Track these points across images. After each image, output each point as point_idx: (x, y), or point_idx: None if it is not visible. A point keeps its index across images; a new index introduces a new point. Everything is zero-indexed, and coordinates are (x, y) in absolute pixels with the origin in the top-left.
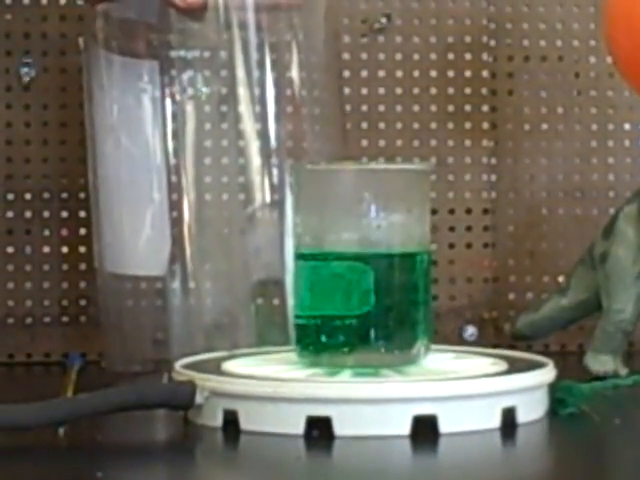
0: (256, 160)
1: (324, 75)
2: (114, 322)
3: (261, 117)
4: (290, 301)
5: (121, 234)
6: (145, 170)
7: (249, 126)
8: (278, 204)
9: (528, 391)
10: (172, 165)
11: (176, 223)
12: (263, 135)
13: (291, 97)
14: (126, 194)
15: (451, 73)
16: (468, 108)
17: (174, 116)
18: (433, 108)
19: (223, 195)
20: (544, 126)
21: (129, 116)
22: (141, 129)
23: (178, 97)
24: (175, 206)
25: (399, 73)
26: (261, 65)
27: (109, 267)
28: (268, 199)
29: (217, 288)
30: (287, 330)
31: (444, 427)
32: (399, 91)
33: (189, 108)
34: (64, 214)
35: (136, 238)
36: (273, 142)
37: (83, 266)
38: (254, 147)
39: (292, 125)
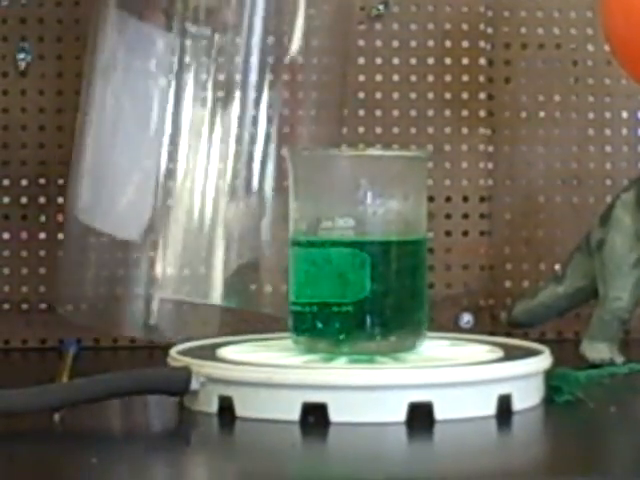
0: (253, 145)
1: (329, 59)
2: (73, 268)
3: (257, 103)
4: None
5: (103, 189)
6: (140, 135)
7: (248, 111)
8: (267, 190)
9: (524, 378)
10: (169, 138)
11: (162, 194)
12: (261, 120)
13: (293, 82)
14: (116, 152)
15: (448, 60)
16: (465, 95)
17: (178, 90)
18: (430, 95)
19: (210, 176)
20: (541, 114)
21: (132, 79)
22: (143, 95)
23: (184, 74)
24: (166, 177)
25: (396, 60)
26: (263, 49)
27: (84, 218)
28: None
29: (181, 260)
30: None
31: (439, 414)
32: (396, 78)
33: (193, 85)
34: (60, 200)
35: (118, 198)
36: (271, 127)
37: None
38: (255, 131)
39: (293, 110)
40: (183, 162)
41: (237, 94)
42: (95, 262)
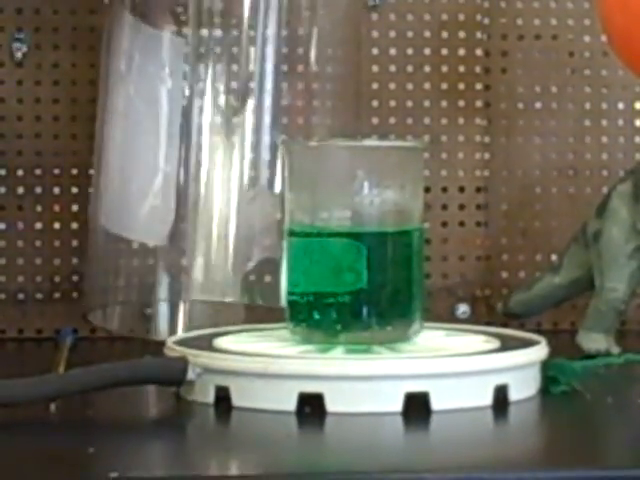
0: (266, 139)
1: (343, 50)
2: (99, 275)
3: (275, 95)
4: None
5: (126, 196)
6: (157, 139)
7: (261, 105)
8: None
9: (520, 369)
10: (185, 141)
11: (181, 197)
12: (276, 113)
13: (306, 73)
14: (136, 159)
15: (445, 51)
16: (462, 86)
17: (191, 94)
18: (427, 86)
19: (230, 173)
20: (538, 105)
21: (147, 85)
22: (158, 101)
23: (198, 72)
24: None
25: (393, 51)
26: (277, 40)
27: (108, 226)
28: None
29: (210, 265)
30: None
31: (436, 404)
32: (393, 69)
33: (206, 88)
34: (56, 190)
35: (140, 204)
36: (285, 120)
37: (75, 242)
38: (266, 125)
39: (306, 101)
40: (202, 162)
41: (252, 90)
42: (122, 269)
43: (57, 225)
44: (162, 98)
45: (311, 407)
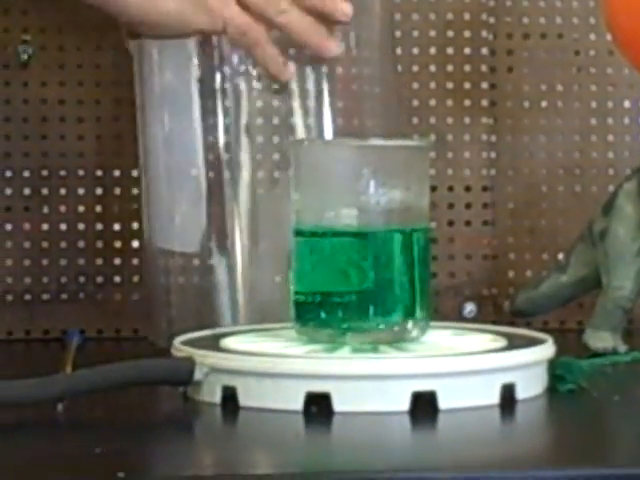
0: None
1: (381, 53)
2: (160, 297)
3: (316, 95)
4: None
5: (160, 208)
6: (185, 147)
7: (298, 104)
8: None
9: (527, 367)
10: (222, 143)
11: (219, 201)
12: (316, 114)
13: (344, 74)
14: (166, 169)
15: (450, 50)
16: (467, 85)
17: (222, 94)
18: (432, 85)
19: (270, 172)
20: (543, 103)
21: (172, 92)
22: (183, 106)
23: (227, 76)
24: (220, 184)
25: (398, 50)
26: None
27: (159, 242)
28: None
29: (261, 267)
30: None
31: (443, 403)
32: (399, 68)
33: (239, 86)
34: (62, 191)
35: (173, 213)
36: (324, 120)
37: (82, 243)
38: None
39: (345, 103)
40: (236, 164)
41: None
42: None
43: (63, 226)
44: (187, 103)
45: (318, 406)
